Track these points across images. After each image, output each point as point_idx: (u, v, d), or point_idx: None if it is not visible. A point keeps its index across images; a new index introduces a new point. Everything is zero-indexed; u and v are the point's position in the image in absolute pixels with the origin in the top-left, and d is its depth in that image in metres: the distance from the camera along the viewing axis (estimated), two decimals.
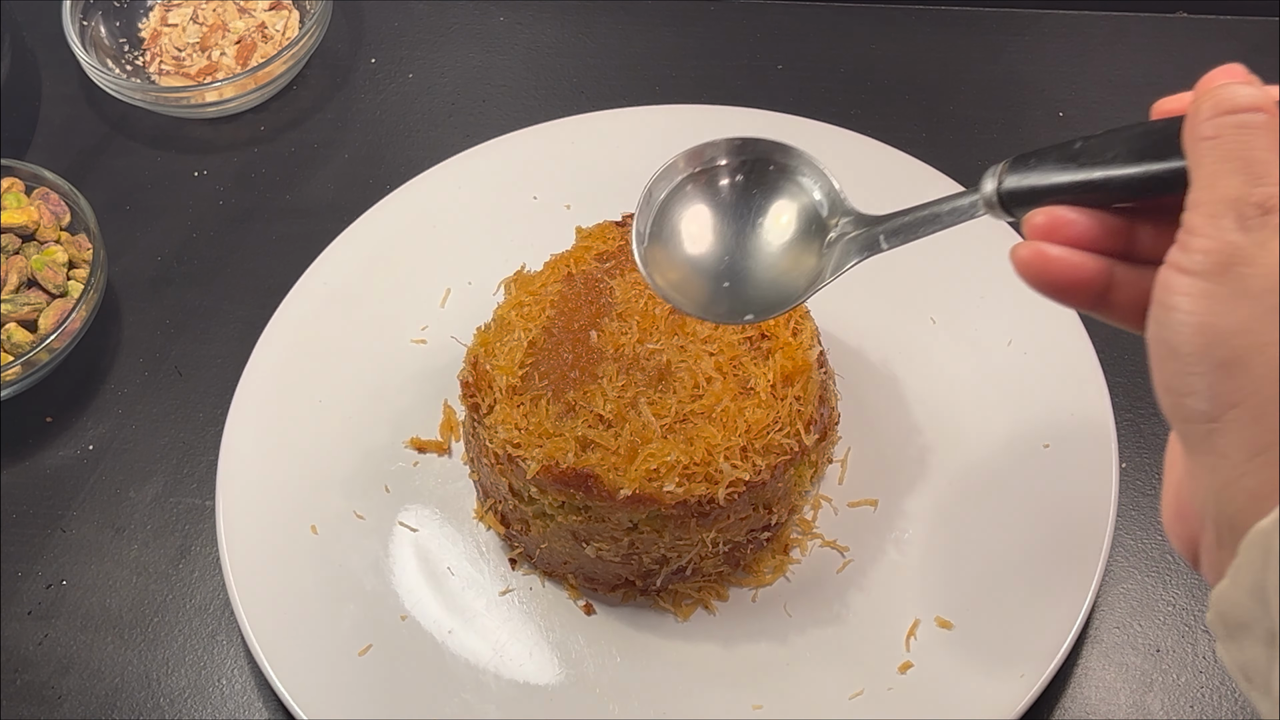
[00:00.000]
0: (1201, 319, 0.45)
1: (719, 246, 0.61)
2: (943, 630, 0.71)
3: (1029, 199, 0.52)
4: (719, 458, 0.67)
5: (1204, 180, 0.46)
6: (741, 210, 0.62)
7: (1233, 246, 0.45)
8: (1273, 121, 0.46)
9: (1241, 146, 0.46)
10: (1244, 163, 0.45)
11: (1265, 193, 0.45)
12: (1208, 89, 0.48)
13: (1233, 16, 0.98)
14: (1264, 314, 0.43)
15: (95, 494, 0.83)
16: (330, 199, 0.94)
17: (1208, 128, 0.47)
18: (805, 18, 1.01)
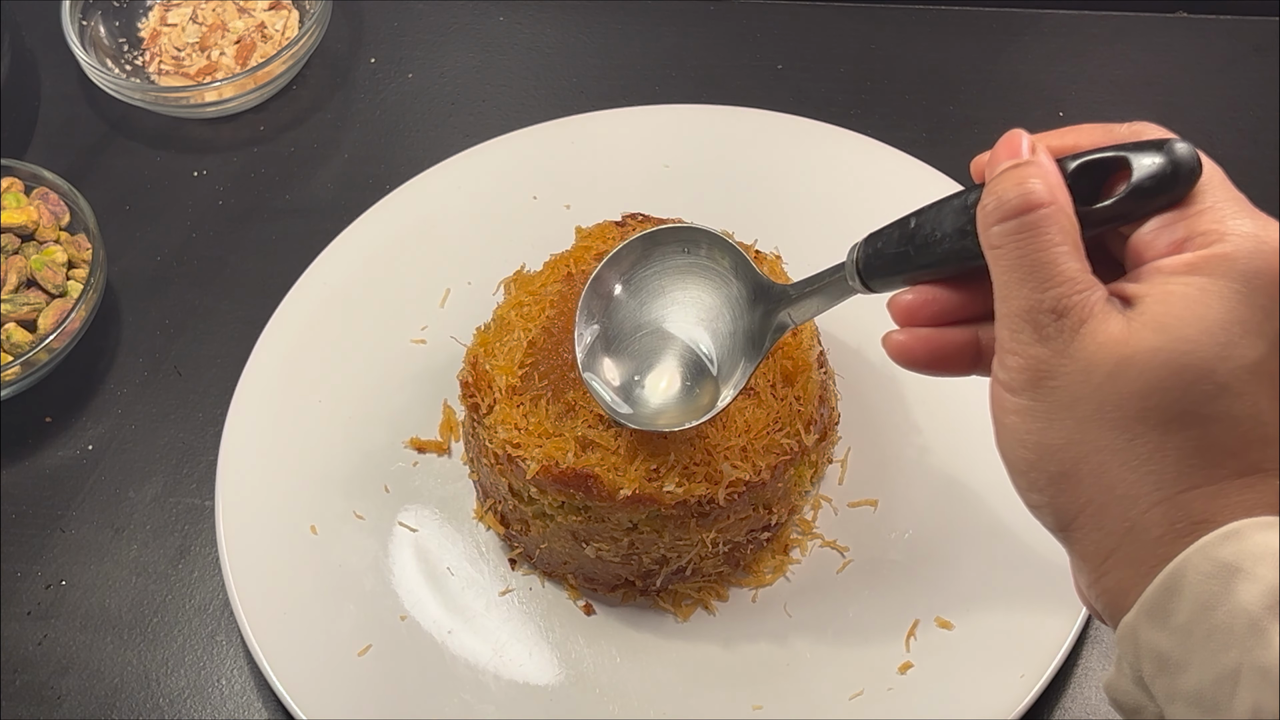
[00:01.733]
0: (1030, 436, 0.45)
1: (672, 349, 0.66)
2: (943, 630, 0.71)
3: (885, 279, 0.54)
4: (719, 458, 0.67)
5: (1000, 292, 0.47)
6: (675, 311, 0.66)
7: (1037, 360, 0.45)
8: (1054, 213, 0.45)
9: (1025, 253, 0.45)
10: (1030, 269, 0.45)
11: (1054, 296, 0.45)
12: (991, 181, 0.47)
13: (1233, 16, 0.98)
14: (1079, 424, 0.44)
15: (95, 494, 0.83)
16: (330, 199, 0.94)
17: (993, 237, 0.46)
18: (805, 18, 1.01)
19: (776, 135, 0.89)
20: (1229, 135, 0.92)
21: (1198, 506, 0.43)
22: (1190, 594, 0.42)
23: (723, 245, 0.64)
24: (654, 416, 0.66)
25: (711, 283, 0.65)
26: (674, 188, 0.87)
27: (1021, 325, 0.45)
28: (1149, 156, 0.45)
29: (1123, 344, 0.43)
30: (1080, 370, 0.44)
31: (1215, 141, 0.92)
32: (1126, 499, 0.44)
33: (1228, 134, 0.92)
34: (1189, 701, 0.42)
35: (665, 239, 0.66)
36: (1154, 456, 0.43)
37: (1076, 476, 0.45)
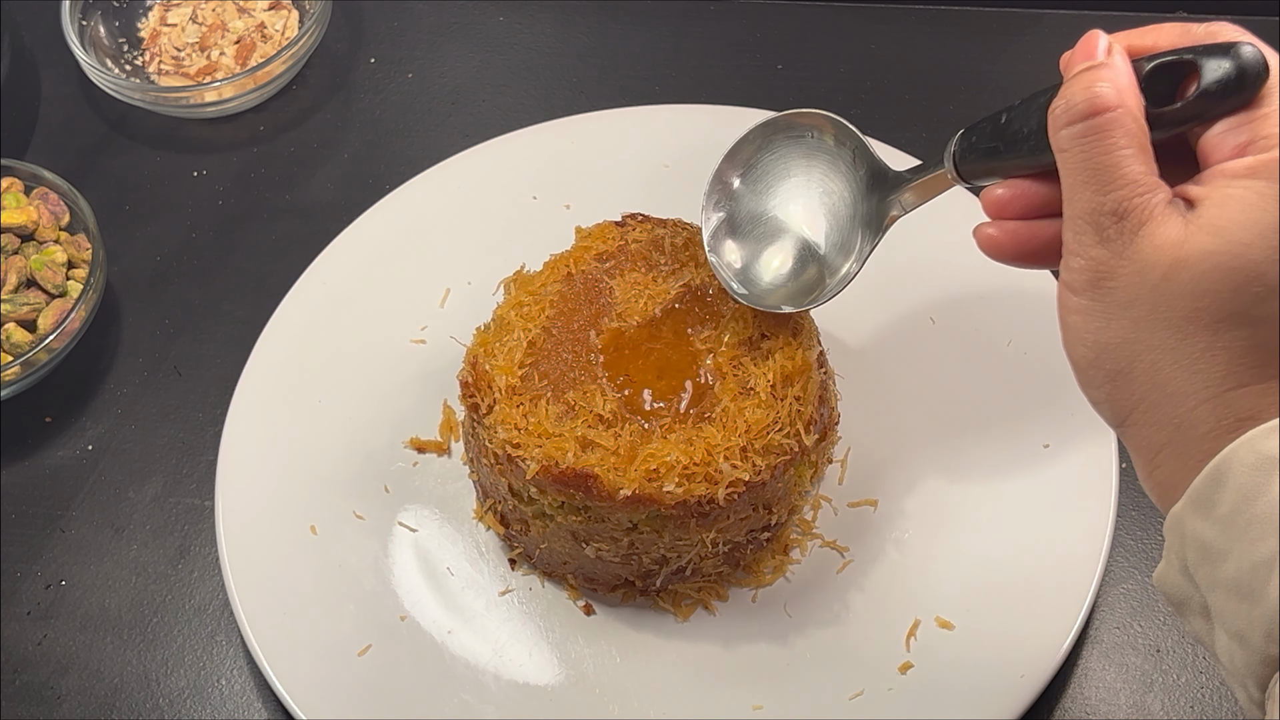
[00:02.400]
0: (1089, 335, 0.47)
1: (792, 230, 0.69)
2: (943, 630, 0.71)
3: (979, 173, 0.56)
4: (719, 458, 0.67)
5: (1067, 195, 0.48)
6: (803, 192, 0.69)
7: (1097, 262, 0.46)
8: (1120, 116, 0.46)
9: (1089, 156, 0.47)
10: (1093, 172, 0.46)
11: (1116, 199, 0.46)
12: (1065, 83, 0.49)
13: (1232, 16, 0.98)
14: (1134, 324, 0.46)
15: (94, 494, 0.83)
16: (330, 199, 0.94)
17: (1061, 140, 0.48)
18: (805, 18, 1.01)
19: None
20: None
21: (1244, 404, 0.44)
22: (1234, 485, 0.43)
23: (844, 130, 0.67)
24: (768, 295, 0.69)
25: (834, 167, 0.68)
26: (674, 188, 0.87)
27: (1084, 227, 0.47)
28: (1217, 60, 0.46)
29: (1178, 246, 0.44)
30: (1137, 271, 0.45)
31: None
32: (1177, 396, 0.45)
33: None
34: (1228, 589, 0.43)
35: (789, 124, 0.68)
36: (1204, 355, 0.44)
37: (1131, 374, 0.46)
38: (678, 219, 0.77)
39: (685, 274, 0.73)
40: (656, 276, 0.73)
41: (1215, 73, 0.46)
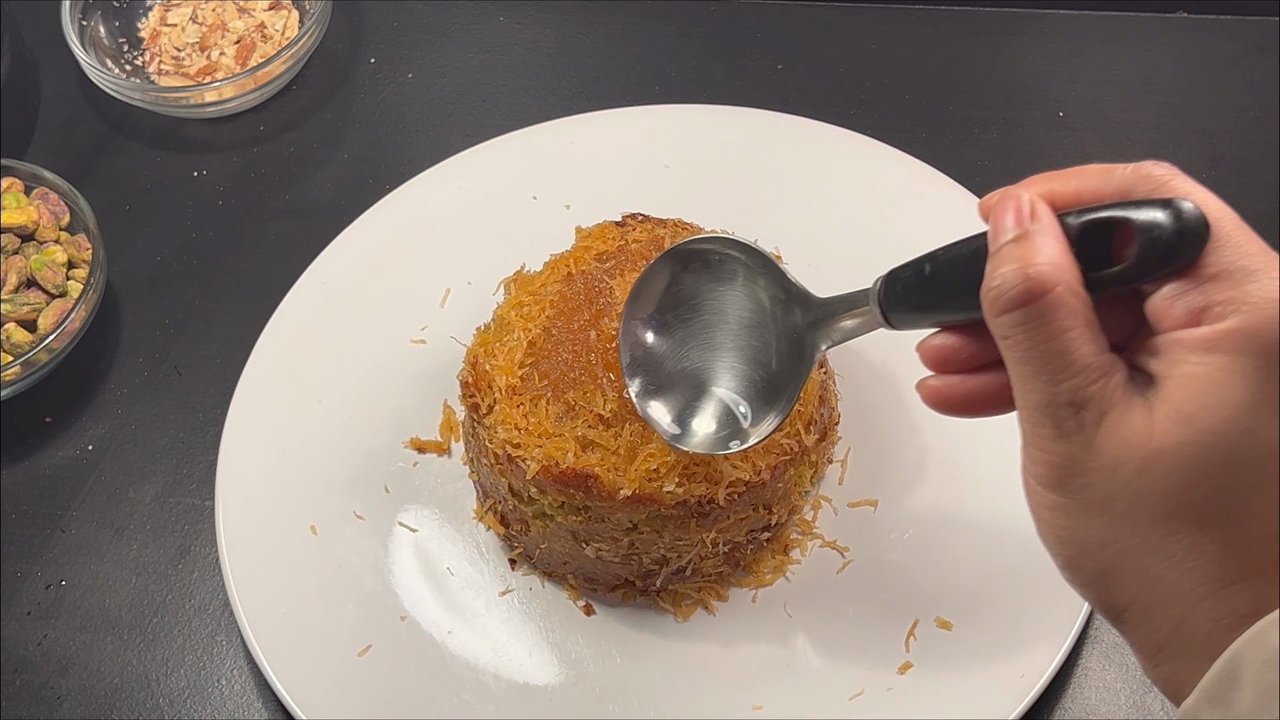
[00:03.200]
0: (1066, 533, 0.44)
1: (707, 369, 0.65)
2: (943, 630, 0.71)
3: (911, 323, 0.52)
4: (719, 458, 0.67)
5: (1015, 384, 0.44)
6: (717, 327, 0.65)
7: (1062, 458, 0.43)
8: (1060, 296, 0.43)
9: (1034, 344, 0.43)
10: (1042, 360, 0.43)
11: (1070, 388, 0.43)
12: (993, 256, 0.44)
13: (1233, 16, 0.98)
14: (1113, 521, 0.43)
15: (94, 494, 0.83)
16: (330, 199, 0.94)
17: (1000, 327, 0.44)
18: (805, 18, 1.01)
19: (776, 135, 0.89)
20: (1229, 135, 0.92)
21: (1244, 599, 0.41)
22: (1250, 683, 0.40)
23: (753, 254, 0.63)
24: (705, 443, 0.65)
25: (749, 294, 0.63)
26: (674, 188, 0.87)
27: (1041, 419, 0.43)
28: (1154, 218, 0.42)
29: (1147, 438, 0.41)
30: (1107, 467, 0.42)
31: (1215, 141, 0.92)
32: (1172, 595, 0.42)
33: (1228, 134, 0.92)
34: None
35: (694, 252, 0.64)
36: (1193, 552, 0.42)
37: (1118, 573, 0.43)
38: (678, 219, 0.77)
39: None
40: None
41: (1153, 234, 0.42)
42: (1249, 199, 0.89)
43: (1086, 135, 0.93)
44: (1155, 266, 0.43)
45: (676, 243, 0.65)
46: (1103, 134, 0.93)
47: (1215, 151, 0.92)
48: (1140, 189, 0.44)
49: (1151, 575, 0.42)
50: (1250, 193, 0.89)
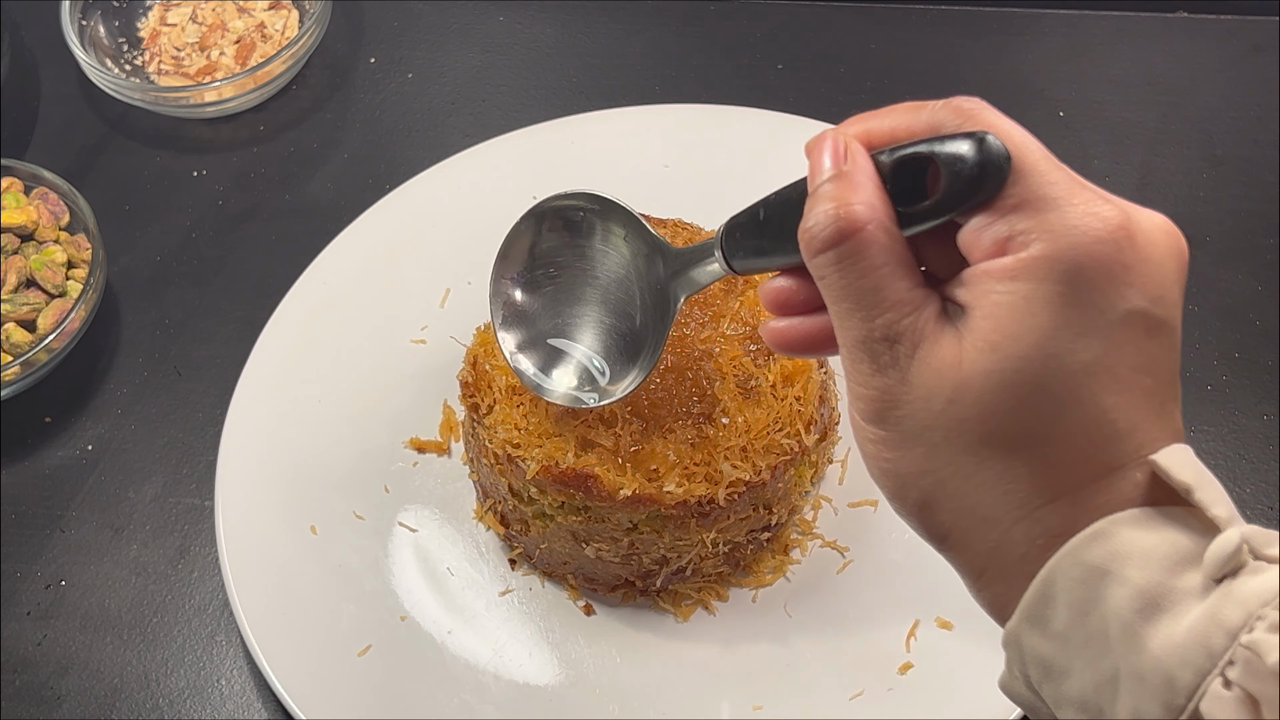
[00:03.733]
0: (887, 465, 0.45)
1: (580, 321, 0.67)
2: (943, 630, 0.71)
3: (753, 269, 0.54)
4: (719, 458, 0.67)
5: (835, 322, 0.46)
6: (585, 281, 0.66)
7: (880, 392, 0.44)
8: (870, 234, 0.44)
9: (848, 283, 0.44)
10: (856, 298, 0.44)
11: (884, 324, 0.44)
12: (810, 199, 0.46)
13: (1233, 16, 0.98)
14: (930, 451, 0.44)
15: (94, 494, 0.83)
16: (330, 199, 0.94)
17: (816, 268, 0.45)
18: (805, 18, 1.01)
19: (776, 135, 0.89)
20: (1229, 135, 0.92)
21: (1055, 520, 0.42)
22: (1064, 600, 0.41)
23: (613, 208, 0.64)
24: (569, 397, 0.67)
25: (611, 247, 0.65)
26: (674, 188, 0.87)
27: (858, 355, 0.45)
28: (958, 152, 0.43)
29: (956, 368, 0.43)
30: (921, 399, 0.43)
31: (1215, 142, 0.92)
32: (987, 520, 0.43)
33: (1228, 134, 0.92)
34: (1075, 706, 0.42)
35: (557, 211, 0.66)
36: (1005, 476, 0.43)
37: (937, 501, 0.44)
38: (678, 219, 0.77)
39: None
40: None
41: (956, 169, 0.43)
42: (1249, 199, 0.89)
43: (1086, 135, 0.93)
44: (961, 199, 0.44)
45: (540, 201, 0.66)
46: (1103, 134, 0.93)
47: (1215, 151, 0.92)
48: (949, 124, 0.46)
49: (968, 502, 0.44)
50: (1250, 193, 0.89)
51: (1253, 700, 0.38)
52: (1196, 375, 0.82)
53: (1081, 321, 0.42)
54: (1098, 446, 0.42)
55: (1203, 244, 0.87)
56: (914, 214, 0.45)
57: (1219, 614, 0.39)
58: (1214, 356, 0.83)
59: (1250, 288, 0.85)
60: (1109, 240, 0.42)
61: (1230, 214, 0.89)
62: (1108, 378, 0.42)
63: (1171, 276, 0.43)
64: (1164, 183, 0.91)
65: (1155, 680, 0.39)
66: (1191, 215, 0.89)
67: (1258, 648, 0.38)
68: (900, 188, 0.45)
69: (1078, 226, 0.42)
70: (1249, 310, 0.84)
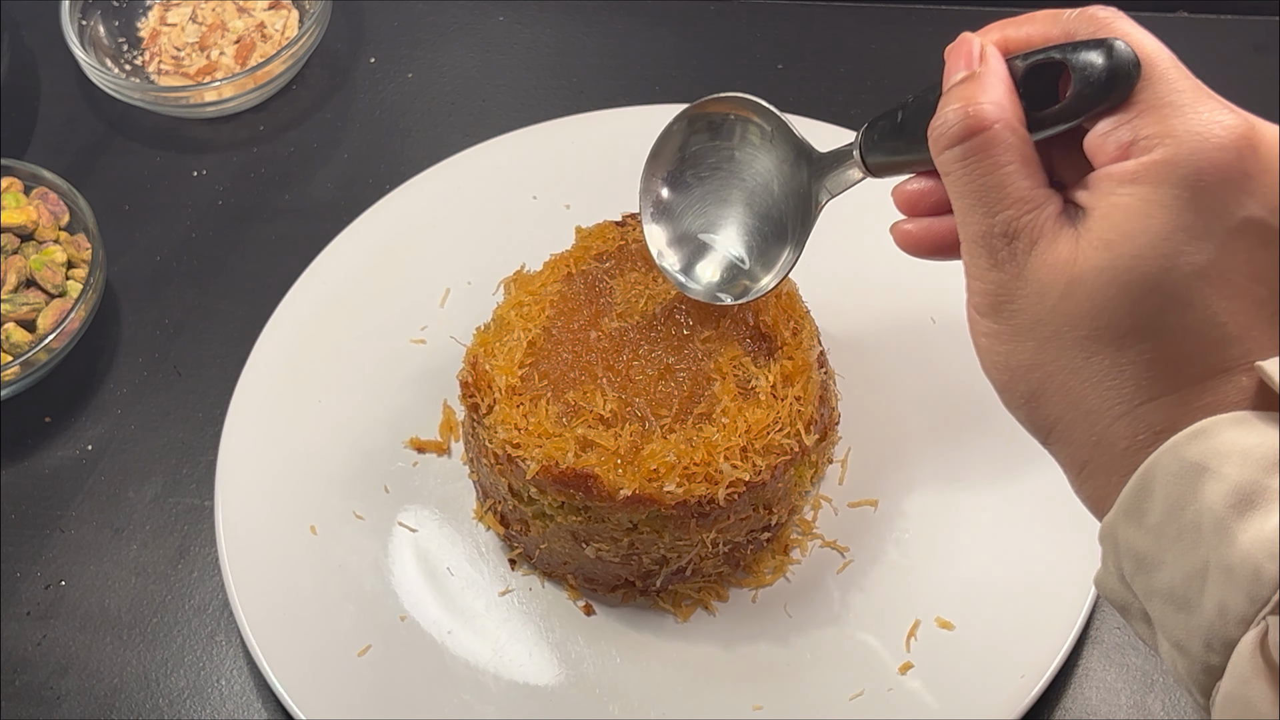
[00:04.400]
0: (999, 358, 0.47)
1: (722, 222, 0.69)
2: (943, 630, 0.71)
3: (887, 169, 0.55)
4: (719, 458, 0.67)
5: (958, 217, 0.47)
6: (731, 185, 0.68)
7: (995, 285, 0.46)
8: (998, 133, 0.45)
9: (972, 178, 0.46)
10: (979, 194, 0.46)
11: (1004, 220, 0.45)
12: (943, 97, 0.47)
13: (1233, 16, 0.98)
14: (1040, 345, 0.45)
15: (94, 494, 0.83)
16: (330, 199, 0.94)
17: (943, 163, 0.47)
18: (805, 18, 1.01)
19: None
20: None
21: (1157, 416, 0.44)
22: (1161, 494, 0.42)
23: (764, 112, 0.66)
24: (711, 290, 0.69)
25: (761, 150, 0.67)
26: None
27: (978, 250, 0.46)
28: (1089, 58, 0.45)
29: (1071, 264, 0.44)
30: (1035, 293, 0.45)
31: None
32: (1092, 414, 0.45)
33: None
34: (1164, 598, 0.43)
35: (707, 113, 0.69)
36: (1111, 372, 0.44)
37: (1045, 394, 0.46)
38: None
39: None
40: (656, 276, 0.73)
41: (1086, 73, 0.45)
42: None
43: None
44: (1090, 104, 0.45)
45: (692, 104, 0.69)
46: None
47: None
48: (1083, 31, 0.47)
49: (1074, 395, 0.45)
50: None
51: None
52: None
53: (1198, 225, 0.43)
54: (1205, 348, 0.43)
55: None
56: (1044, 117, 0.46)
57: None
58: None
59: None
60: (1231, 148, 0.43)
61: None
62: (1220, 281, 0.43)
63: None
64: None
65: (1243, 572, 0.40)
66: None
67: None
68: (1032, 92, 0.46)
69: (1200, 133, 0.43)
70: None
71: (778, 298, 0.72)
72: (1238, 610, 0.40)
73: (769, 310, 0.71)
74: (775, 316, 0.71)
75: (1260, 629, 0.40)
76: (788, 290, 0.73)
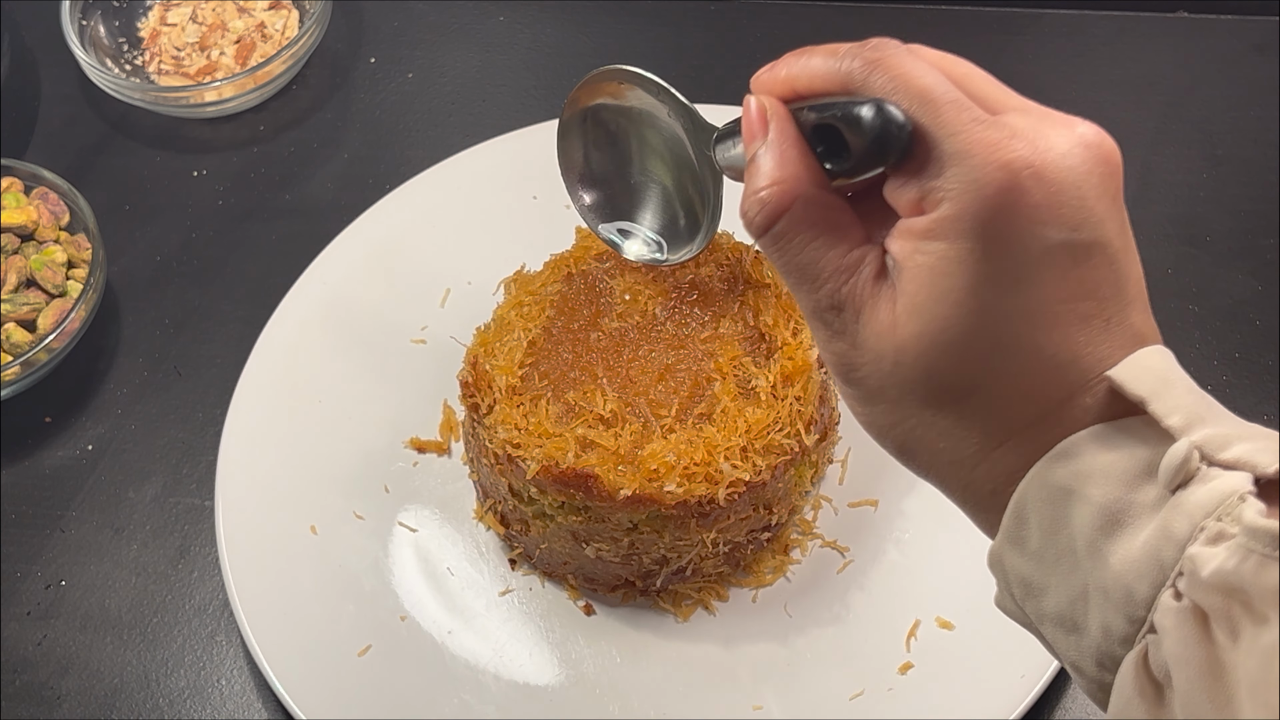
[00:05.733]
0: (864, 419, 0.48)
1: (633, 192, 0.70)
2: (943, 630, 0.71)
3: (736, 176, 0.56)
4: (719, 458, 0.67)
5: (791, 293, 0.48)
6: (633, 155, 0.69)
7: (838, 355, 0.47)
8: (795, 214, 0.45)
9: (787, 260, 0.46)
10: (799, 273, 0.46)
11: (826, 294, 0.46)
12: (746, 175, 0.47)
13: (1233, 16, 0.98)
14: (892, 407, 0.46)
15: (94, 494, 0.83)
16: (330, 199, 0.94)
17: (761, 246, 0.47)
18: (805, 18, 1.01)
19: None
20: (1229, 135, 0.92)
21: (1011, 460, 0.44)
22: (1035, 521, 0.43)
23: (651, 84, 0.65)
24: (645, 253, 0.71)
25: (660, 120, 0.66)
26: None
27: (815, 324, 0.47)
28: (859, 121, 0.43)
29: (893, 332, 0.44)
30: (873, 361, 0.45)
31: (1215, 141, 0.92)
32: (954, 464, 0.45)
33: (1228, 134, 0.92)
34: (1054, 622, 0.43)
35: (605, 90, 0.67)
36: (958, 425, 0.44)
37: (910, 450, 0.47)
38: None
39: (686, 273, 0.73)
40: (657, 276, 0.73)
41: (859, 136, 0.44)
42: (1249, 199, 0.89)
43: None
44: (870, 164, 0.44)
45: (578, 85, 0.68)
46: None
47: (1215, 151, 0.92)
48: (858, 76, 0.46)
49: (934, 449, 0.46)
50: (1250, 193, 0.89)
51: (1201, 611, 0.38)
52: (1196, 376, 0.81)
53: (1001, 271, 0.42)
54: (1042, 384, 0.43)
55: (1203, 244, 0.87)
56: (837, 173, 0.46)
57: (1168, 526, 0.39)
58: (1214, 356, 0.82)
59: (1250, 288, 0.85)
60: (1013, 186, 0.42)
61: (1230, 214, 0.89)
62: (1037, 318, 0.43)
63: (1092, 194, 0.43)
64: (1164, 183, 0.91)
65: (1117, 594, 0.40)
66: (1191, 215, 0.89)
67: (1196, 561, 0.38)
68: (826, 139, 0.46)
69: (979, 180, 0.42)
70: (1249, 310, 0.84)
71: (777, 298, 0.72)
72: (1119, 631, 0.40)
73: (769, 310, 0.71)
74: (775, 316, 0.71)
75: (1140, 649, 0.40)
76: (788, 290, 0.73)
